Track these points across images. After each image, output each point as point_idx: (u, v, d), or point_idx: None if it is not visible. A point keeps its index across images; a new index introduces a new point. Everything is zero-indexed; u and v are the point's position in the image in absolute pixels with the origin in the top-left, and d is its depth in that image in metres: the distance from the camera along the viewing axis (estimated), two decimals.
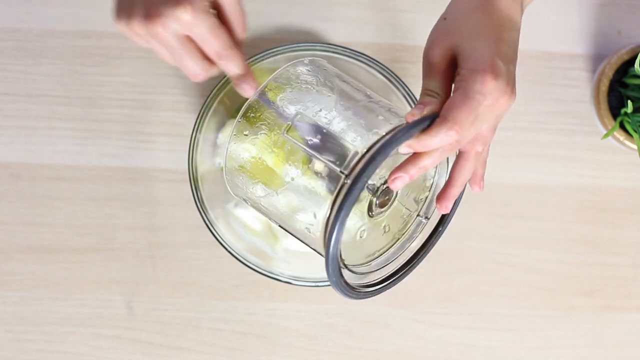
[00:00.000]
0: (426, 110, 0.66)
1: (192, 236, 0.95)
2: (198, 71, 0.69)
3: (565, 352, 0.96)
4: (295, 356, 0.95)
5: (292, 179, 0.72)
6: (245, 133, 0.74)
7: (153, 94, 0.96)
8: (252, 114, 0.73)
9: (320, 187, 0.71)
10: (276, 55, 0.89)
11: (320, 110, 0.72)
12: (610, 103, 0.93)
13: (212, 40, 0.67)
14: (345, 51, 0.89)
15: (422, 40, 0.96)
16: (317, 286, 0.88)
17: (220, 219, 0.90)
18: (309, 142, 0.71)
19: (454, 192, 0.71)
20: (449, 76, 0.68)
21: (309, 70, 0.75)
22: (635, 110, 0.92)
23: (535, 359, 0.96)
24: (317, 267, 0.89)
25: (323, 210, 0.70)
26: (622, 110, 0.91)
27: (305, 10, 0.97)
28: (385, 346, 0.95)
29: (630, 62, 0.93)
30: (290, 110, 0.72)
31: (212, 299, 0.95)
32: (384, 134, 0.69)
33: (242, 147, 0.74)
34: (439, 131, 0.65)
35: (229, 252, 0.88)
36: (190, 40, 0.67)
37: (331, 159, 0.69)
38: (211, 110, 0.89)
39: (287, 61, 0.91)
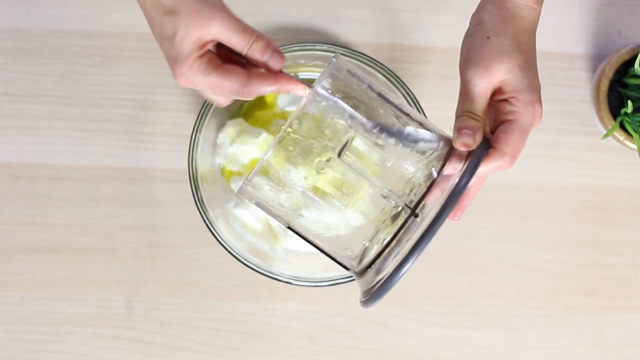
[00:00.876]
0: (478, 138, 0.68)
1: (192, 236, 0.95)
2: (234, 99, 0.73)
3: (565, 352, 0.96)
4: (295, 356, 0.95)
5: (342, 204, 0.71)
6: (290, 148, 0.71)
7: (153, 94, 0.96)
8: (298, 131, 0.71)
9: (373, 212, 0.70)
10: None
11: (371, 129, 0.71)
12: (610, 103, 0.93)
13: (223, 89, 0.70)
14: (346, 51, 0.89)
15: (422, 40, 0.97)
16: (317, 286, 0.88)
17: (220, 219, 0.90)
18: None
19: (467, 204, 0.72)
20: (489, 100, 0.70)
21: (345, 78, 0.73)
22: (635, 110, 0.92)
23: (535, 359, 0.96)
24: (317, 267, 0.89)
25: (375, 240, 0.69)
26: (622, 110, 0.91)
27: (305, 10, 0.97)
28: (385, 346, 0.95)
29: (630, 62, 0.93)
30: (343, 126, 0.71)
31: (212, 299, 0.95)
32: (440, 166, 0.68)
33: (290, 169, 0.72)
34: (497, 163, 0.67)
35: (229, 252, 0.88)
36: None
37: (390, 189, 0.69)
38: (211, 110, 0.89)
39: (287, 61, 0.91)
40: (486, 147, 0.67)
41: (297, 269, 0.89)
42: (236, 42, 0.69)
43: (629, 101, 0.88)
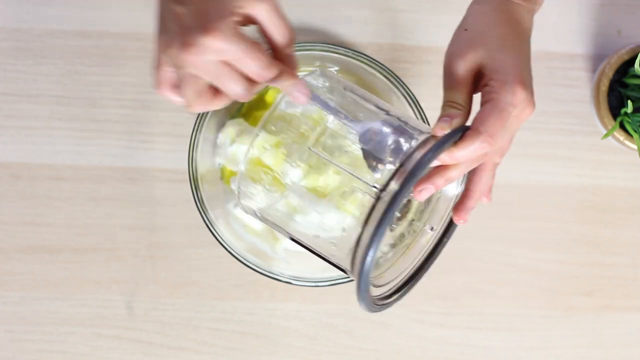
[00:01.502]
0: (454, 123, 0.67)
1: (192, 236, 0.95)
2: (241, 92, 0.65)
3: (565, 352, 0.96)
4: (295, 356, 0.95)
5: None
6: (268, 144, 0.72)
7: (153, 94, 0.96)
8: (274, 125, 0.71)
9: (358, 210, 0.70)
10: None
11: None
12: (610, 103, 0.93)
13: (248, 63, 0.64)
14: (345, 51, 0.89)
15: (422, 40, 0.97)
16: (317, 286, 0.88)
17: (220, 219, 0.90)
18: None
19: (472, 204, 0.71)
20: (471, 88, 0.69)
21: (325, 82, 0.74)
22: (635, 110, 0.92)
23: (535, 359, 0.96)
24: (317, 267, 0.89)
25: (353, 226, 0.69)
26: (622, 110, 0.91)
27: (305, 10, 0.97)
28: (385, 346, 0.95)
29: (630, 62, 0.93)
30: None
31: (212, 299, 0.95)
32: (413, 148, 0.68)
33: (266, 155, 0.72)
34: (472, 143, 0.66)
35: (229, 252, 0.88)
36: (227, 64, 0.64)
37: (362, 177, 0.69)
38: (211, 110, 0.89)
39: None
40: (462, 130, 0.66)
41: (297, 269, 0.89)
42: (277, 32, 0.65)
43: (629, 101, 0.88)
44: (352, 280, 0.87)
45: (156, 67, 0.66)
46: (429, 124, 0.89)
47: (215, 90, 0.67)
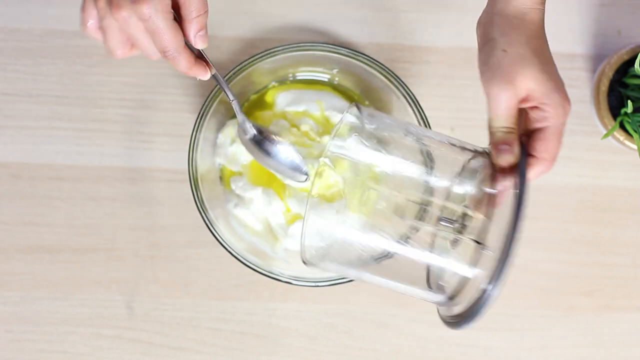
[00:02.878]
0: (516, 150, 0.70)
1: (192, 236, 0.95)
2: (152, 53, 0.72)
3: (565, 352, 0.96)
4: (295, 356, 0.95)
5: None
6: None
7: (153, 94, 0.96)
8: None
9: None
10: (276, 55, 0.89)
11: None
12: (610, 103, 0.93)
13: (158, 39, 0.70)
14: (345, 51, 0.89)
15: (422, 40, 0.97)
16: (317, 286, 0.88)
17: (220, 219, 0.90)
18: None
19: (544, 170, 0.73)
20: (518, 110, 0.71)
21: (370, 125, 0.75)
22: (635, 110, 0.92)
23: (535, 359, 0.96)
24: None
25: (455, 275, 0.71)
26: (622, 110, 0.91)
27: (305, 10, 0.97)
28: (385, 346, 0.95)
29: (630, 62, 0.93)
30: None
31: (212, 299, 0.95)
32: (488, 186, 0.71)
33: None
34: (543, 173, 0.71)
35: (229, 252, 0.88)
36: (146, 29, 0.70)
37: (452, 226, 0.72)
38: (211, 110, 0.89)
39: (287, 61, 0.91)
40: (525, 156, 0.70)
41: (297, 269, 0.89)
42: (195, 5, 0.70)
43: (629, 101, 0.88)
44: (351, 281, 0.87)
45: (82, 8, 0.72)
46: (428, 124, 0.89)
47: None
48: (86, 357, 0.95)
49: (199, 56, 0.74)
